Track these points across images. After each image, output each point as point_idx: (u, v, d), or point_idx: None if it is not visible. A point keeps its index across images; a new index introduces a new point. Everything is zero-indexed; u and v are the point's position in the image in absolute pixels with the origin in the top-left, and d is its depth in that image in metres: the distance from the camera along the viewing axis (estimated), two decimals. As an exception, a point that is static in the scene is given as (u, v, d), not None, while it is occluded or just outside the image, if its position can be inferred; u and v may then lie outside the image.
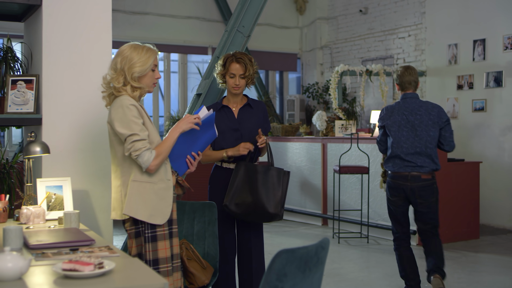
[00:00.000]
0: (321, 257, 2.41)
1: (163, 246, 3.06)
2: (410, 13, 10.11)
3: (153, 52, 3.12)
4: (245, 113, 4.07)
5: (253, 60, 4.06)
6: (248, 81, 4.01)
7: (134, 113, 2.98)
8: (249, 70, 3.97)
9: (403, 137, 4.82)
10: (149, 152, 2.96)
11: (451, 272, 6.04)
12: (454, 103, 9.24)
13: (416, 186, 4.85)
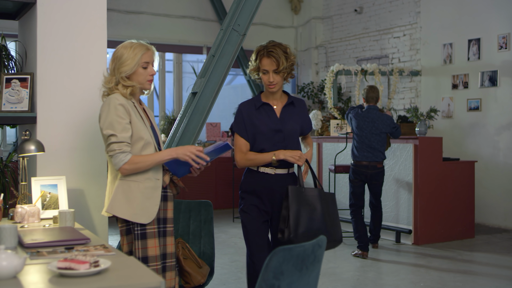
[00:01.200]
0: (318, 256, 2.40)
1: (153, 244, 3.06)
2: (405, 13, 10.12)
3: (141, 49, 3.09)
4: (288, 112, 3.65)
5: (289, 50, 3.59)
6: (285, 76, 3.56)
7: (119, 113, 3.00)
8: (283, 63, 3.50)
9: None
10: (123, 155, 2.96)
11: (447, 271, 6.04)
12: (449, 103, 9.25)
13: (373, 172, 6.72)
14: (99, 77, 3.86)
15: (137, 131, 3.05)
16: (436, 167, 7.47)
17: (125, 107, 3.03)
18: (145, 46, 3.13)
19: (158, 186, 3.09)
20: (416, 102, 9.85)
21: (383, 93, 9.89)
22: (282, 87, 3.64)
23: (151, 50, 3.15)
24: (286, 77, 3.58)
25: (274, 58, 3.49)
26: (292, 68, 3.58)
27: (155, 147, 3.11)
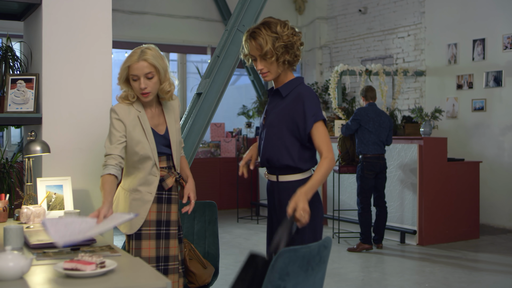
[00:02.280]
0: (324, 257, 2.40)
1: (147, 246, 3.08)
2: (409, 13, 10.11)
3: (130, 59, 3.01)
4: (273, 102, 3.05)
5: (281, 27, 2.88)
6: (278, 60, 2.89)
7: (115, 126, 3.05)
8: (267, 45, 2.85)
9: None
10: (105, 169, 2.98)
11: (451, 271, 6.03)
12: (454, 103, 9.24)
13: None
14: (104, 78, 3.88)
15: (131, 146, 3.06)
16: (440, 167, 7.46)
17: (122, 121, 3.05)
18: (136, 57, 3.00)
19: (149, 200, 3.09)
20: (421, 103, 9.84)
21: (388, 93, 9.88)
22: (280, 73, 2.96)
23: (144, 62, 2.99)
24: (282, 61, 2.90)
25: (258, 40, 2.87)
26: (288, 48, 2.89)
27: (155, 163, 3.09)
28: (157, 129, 3.15)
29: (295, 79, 3.00)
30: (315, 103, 2.91)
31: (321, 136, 2.89)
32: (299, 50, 2.96)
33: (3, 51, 3.92)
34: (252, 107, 11.47)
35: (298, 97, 2.91)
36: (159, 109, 3.19)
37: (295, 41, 2.91)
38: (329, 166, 2.85)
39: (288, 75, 3.00)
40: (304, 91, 2.92)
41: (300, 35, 2.97)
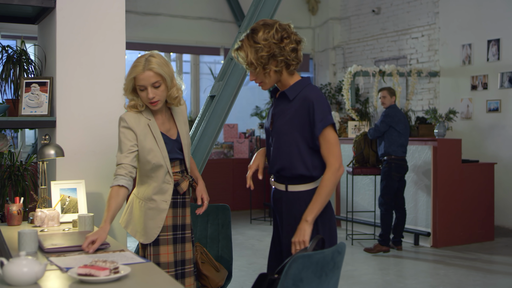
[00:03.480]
0: (337, 262, 2.39)
1: (165, 251, 3.07)
2: (423, 13, 10.05)
3: (135, 70, 2.96)
4: (280, 106, 2.86)
5: (263, 34, 2.68)
6: (266, 68, 2.72)
7: (126, 135, 3.02)
8: (248, 57, 2.70)
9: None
10: (115, 179, 2.97)
11: (466, 274, 5.99)
12: (468, 104, 9.18)
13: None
14: (118, 81, 3.88)
15: (143, 155, 3.04)
16: (455, 169, 7.41)
17: (133, 130, 3.02)
18: (141, 67, 2.94)
19: (164, 208, 3.07)
20: (435, 104, 9.78)
21: (401, 94, 9.84)
22: (280, 78, 2.80)
23: (150, 71, 2.94)
24: (271, 71, 2.73)
25: (240, 54, 2.75)
26: (274, 57, 2.69)
27: (167, 170, 3.07)
28: (169, 134, 3.14)
29: (302, 81, 2.82)
30: (324, 107, 2.73)
31: (328, 143, 2.73)
32: (295, 52, 2.74)
33: (17, 55, 3.94)
34: (265, 108, 11.46)
35: (306, 101, 2.72)
36: (168, 114, 3.18)
37: (284, 46, 2.69)
38: (335, 178, 2.72)
39: (292, 78, 2.81)
40: (311, 94, 2.74)
41: (293, 36, 2.74)
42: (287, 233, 2.84)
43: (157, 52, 3.07)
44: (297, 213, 2.79)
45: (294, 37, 2.74)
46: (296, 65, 2.77)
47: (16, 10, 3.98)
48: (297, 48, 2.75)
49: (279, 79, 2.78)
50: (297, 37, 2.76)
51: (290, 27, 2.75)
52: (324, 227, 2.81)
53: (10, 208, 3.39)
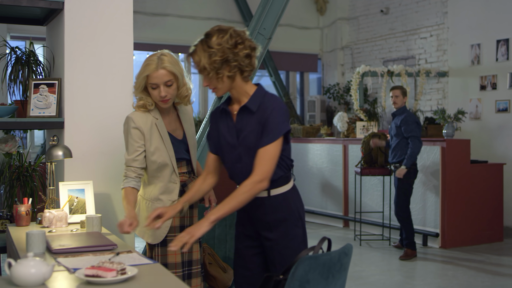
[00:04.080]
0: (344, 264, 2.38)
1: (173, 252, 3.08)
2: (432, 13, 10.02)
3: (148, 69, 2.99)
4: (243, 119, 2.75)
5: (218, 37, 2.62)
6: (218, 75, 2.65)
7: (133, 136, 3.06)
8: (201, 61, 2.65)
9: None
10: (126, 180, 3.05)
11: (475, 275, 5.97)
12: (477, 104, 9.14)
13: None
14: (126, 82, 3.89)
15: (149, 155, 3.07)
16: (464, 169, 7.39)
17: (140, 129, 3.05)
18: (154, 66, 2.98)
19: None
20: (443, 104, 9.75)
21: (410, 94, 9.80)
22: (224, 90, 2.73)
23: (163, 70, 2.99)
24: (224, 76, 2.66)
25: (193, 58, 2.70)
26: (228, 62, 2.63)
27: (173, 166, 3.10)
28: (175, 134, 3.16)
29: (258, 90, 2.75)
30: (278, 118, 2.66)
31: (264, 155, 2.64)
32: (249, 58, 2.67)
33: (26, 56, 3.96)
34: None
35: (265, 111, 2.67)
36: (175, 114, 3.21)
37: (238, 52, 2.63)
38: (252, 188, 2.62)
39: (247, 85, 2.74)
40: (269, 105, 2.68)
41: (247, 42, 2.67)
42: (280, 238, 2.78)
43: (167, 51, 3.11)
44: (285, 214, 2.77)
45: (249, 43, 2.68)
46: (249, 72, 2.71)
47: (24, 11, 4.00)
48: (251, 55, 2.69)
49: (233, 85, 2.71)
50: (252, 44, 2.70)
51: (245, 33, 2.70)
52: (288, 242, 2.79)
53: (19, 208, 3.41)
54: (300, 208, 2.84)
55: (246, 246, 2.89)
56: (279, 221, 2.77)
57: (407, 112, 6.82)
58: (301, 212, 2.84)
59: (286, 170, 2.78)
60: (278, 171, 2.74)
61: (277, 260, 2.78)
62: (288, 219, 2.77)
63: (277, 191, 2.76)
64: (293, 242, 2.78)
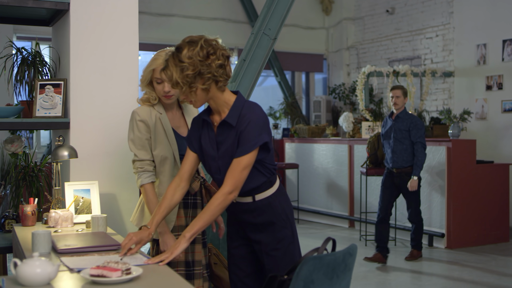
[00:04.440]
0: (349, 264, 2.39)
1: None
2: (437, 13, 10.01)
3: (155, 63, 3.07)
4: (223, 132, 2.72)
5: (189, 50, 2.58)
6: (191, 89, 2.60)
7: (140, 129, 3.10)
8: (173, 76, 2.59)
9: None
10: (145, 175, 3.08)
11: (480, 276, 5.96)
12: (483, 104, 9.12)
13: None
14: (131, 83, 3.91)
15: (152, 148, 3.12)
16: (469, 170, 7.37)
17: (145, 122, 3.10)
18: (161, 60, 3.02)
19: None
20: (449, 104, 9.73)
21: (416, 94, 9.79)
22: (205, 98, 2.67)
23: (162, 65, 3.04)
24: (197, 89, 2.60)
25: (166, 73, 2.64)
26: (201, 75, 2.57)
27: (175, 160, 3.13)
28: (179, 131, 3.19)
29: (237, 101, 2.68)
30: (254, 131, 2.63)
31: (237, 166, 2.62)
32: (222, 68, 2.61)
33: (32, 56, 3.97)
34: (279, 108, 11.46)
35: (242, 124, 2.63)
36: (179, 113, 3.26)
37: (211, 63, 2.56)
38: (223, 201, 2.63)
39: (223, 94, 2.68)
40: (247, 116, 2.64)
41: (220, 51, 2.61)
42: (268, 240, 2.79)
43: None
44: (271, 217, 2.77)
45: (221, 52, 2.62)
46: (224, 81, 2.65)
47: (30, 12, 4.02)
48: (225, 64, 2.63)
49: (208, 96, 2.65)
50: (225, 52, 2.64)
51: (218, 43, 2.64)
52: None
53: (25, 208, 3.42)
54: (287, 209, 2.83)
55: (237, 246, 2.91)
56: (266, 224, 2.78)
57: (411, 115, 6.54)
58: (289, 213, 2.84)
59: (269, 175, 2.77)
60: (260, 177, 2.74)
61: (266, 261, 2.80)
62: (274, 222, 2.77)
63: (261, 195, 2.77)
64: (282, 243, 2.78)
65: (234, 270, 2.93)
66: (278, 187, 2.82)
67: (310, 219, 9.53)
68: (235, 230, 2.91)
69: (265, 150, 2.70)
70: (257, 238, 2.81)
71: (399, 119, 6.52)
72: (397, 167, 6.47)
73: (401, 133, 6.46)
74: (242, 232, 2.88)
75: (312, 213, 9.48)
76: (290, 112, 11.41)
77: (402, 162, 6.44)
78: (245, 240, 2.88)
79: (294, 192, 9.67)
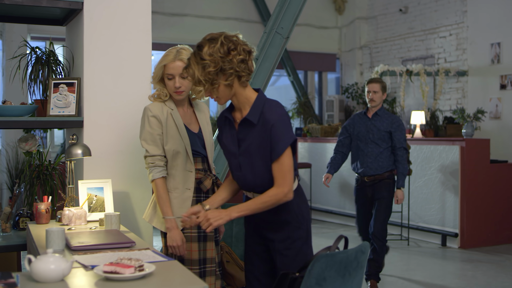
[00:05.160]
0: (361, 262, 2.39)
1: (189, 248, 3.12)
2: (451, 12, 9.96)
3: (167, 59, 3.14)
4: (245, 130, 2.73)
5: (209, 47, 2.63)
6: (213, 85, 2.63)
7: (152, 125, 3.14)
8: (195, 74, 2.64)
9: None
10: (156, 170, 3.12)
11: (494, 276, 5.93)
12: (497, 103, 9.06)
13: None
14: (144, 81, 3.92)
15: (164, 143, 3.15)
16: (483, 169, 7.33)
17: (157, 118, 3.14)
18: (172, 57, 3.13)
19: (189, 196, 3.15)
20: (463, 103, 9.68)
21: (429, 94, 9.75)
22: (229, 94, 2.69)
23: (180, 62, 3.13)
24: (221, 85, 2.62)
25: (188, 72, 2.69)
26: (223, 71, 2.60)
27: (187, 154, 3.15)
28: (191, 127, 3.22)
29: (258, 98, 2.69)
30: (282, 128, 2.63)
31: (281, 167, 2.63)
32: (244, 63, 2.63)
33: (46, 56, 4.00)
34: (291, 108, 11.46)
35: (267, 124, 2.63)
36: (190, 110, 3.30)
37: (232, 58, 2.59)
38: (278, 199, 2.63)
39: (245, 91, 2.69)
40: (271, 116, 2.64)
41: (241, 47, 2.64)
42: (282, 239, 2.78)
43: (187, 46, 3.23)
44: (288, 217, 2.76)
45: (242, 47, 2.64)
46: (247, 76, 2.65)
47: (44, 11, 4.05)
48: (246, 59, 2.64)
49: (232, 92, 2.67)
50: (246, 47, 2.67)
51: (238, 38, 2.66)
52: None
53: (39, 206, 3.45)
54: (304, 210, 2.82)
55: (253, 244, 2.92)
56: (282, 223, 2.77)
57: (391, 114, 5.56)
58: (305, 213, 2.82)
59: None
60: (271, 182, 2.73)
61: (278, 260, 2.80)
62: (290, 222, 2.77)
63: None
64: (295, 243, 2.78)
65: (250, 268, 2.93)
66: (296, 188, 2.80)
67: (322, 219, 9.52)
68: (252, 229, 2.92)
69: (292, 149, 2.70)
70: (271, 236, 2.81)
71: (377, 117, 5.49)
72: (369, 175, 5.40)
73: (379, 134, 5.40)
74: (258, 231, 2.88)
75: (324, 213, 9.47)
76: (302, 111, 11.41)
77: (377, 168, 5.38)
78: (261, 239, 2.88)
79: (307, 192, 9.66)
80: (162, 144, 3.14)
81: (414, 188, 7.72)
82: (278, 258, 2.79)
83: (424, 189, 7.65)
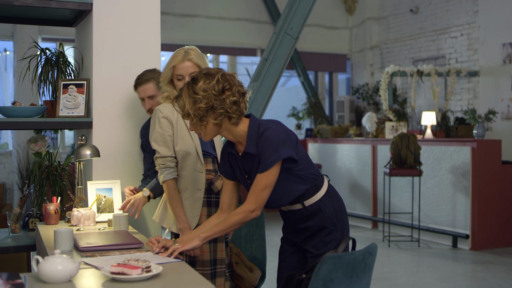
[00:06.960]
0: (369, 263, 2.37)
1: (201, 249, 3.10)
2: (462, 12, 9.90)
3: (175, 59, 3.16)
4: (248, 161, 2.67)
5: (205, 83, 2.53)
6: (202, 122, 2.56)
7: (163, 126, 3.13)
8: (185, 107, 2.55)
9: None
10: (167, 171, 3.11)
11: (506, 278, 5.89)
12: (509, 104, 9.00)
13: None
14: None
15: (175, 144, 3.15)
16: (494, 170, 7.28)
17: (168, 119, 3.14)
18: (181, 57, 3.14)
19: (199, 196, 3.15)
20: (474, 104, 9.63)
21: (440, 94, 9.71)
22: (216, 132, 2.62)
23: (189, 62, 3.14)
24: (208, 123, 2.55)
25: (178, 102, 2.58)
26: (213, 109, 2.52)
27: (197, 155, 3.15)
28: None
29: (251, 128, 2.60)
30: (272, 146, 2.55)
31: (258, 184, 2.57)
32: (236, 105, 2.55)
33: (55, 57, 4.02)
34: (302, 108, 11.45)
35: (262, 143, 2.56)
36: None
37: (225, 98, 2.52)
38: (244, 217, 2.59)
39: (238, 128, 2.62)
40: (263, 137, 2.57)
41: (235, 88, 2.57)
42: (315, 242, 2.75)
43: (195, 47, 3.24)
44: (320, 222, 2.71)
45: (237, 88, 2.57)
46: (238, 118, 2.58)
47: (54, 13, 4.06)
48: (239, 101, 2.57)
49: (220, 131, 2.61)
50: (241, 89, 2.60)
51: (234, 78, 2.60)
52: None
53: (48, 207, 3.46)
54: (339, 210, 2.75)
55: (290, 253, 2.87)
56: (318, 229, 2.72)
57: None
58: (339, 214, 2.75)
59: (311, 181, 2.71)
60: (301, 186, 2.69)
61: (310, 262, 2.75)
62: (326, 226, 2.71)
63: (310, 201, 2.71)
64: (328, 246, 2.71)
65: (283, 265, 2.87)
66: (327, 190, 2.75)
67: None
68: (288, 238, 2.87)
69: (291, 162, 2.63)
70: (305, 239, 2.77)
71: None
72: None
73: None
74: (294, 240, 2.83)
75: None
76: (313, 112, 11.39)
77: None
78: (297, 247, 2.84)
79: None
80: (173, 145, 3.14)
81: (425, 189, 7.68)
82: (309, 260, 2.73)
83: (435, 190, 7.61)
